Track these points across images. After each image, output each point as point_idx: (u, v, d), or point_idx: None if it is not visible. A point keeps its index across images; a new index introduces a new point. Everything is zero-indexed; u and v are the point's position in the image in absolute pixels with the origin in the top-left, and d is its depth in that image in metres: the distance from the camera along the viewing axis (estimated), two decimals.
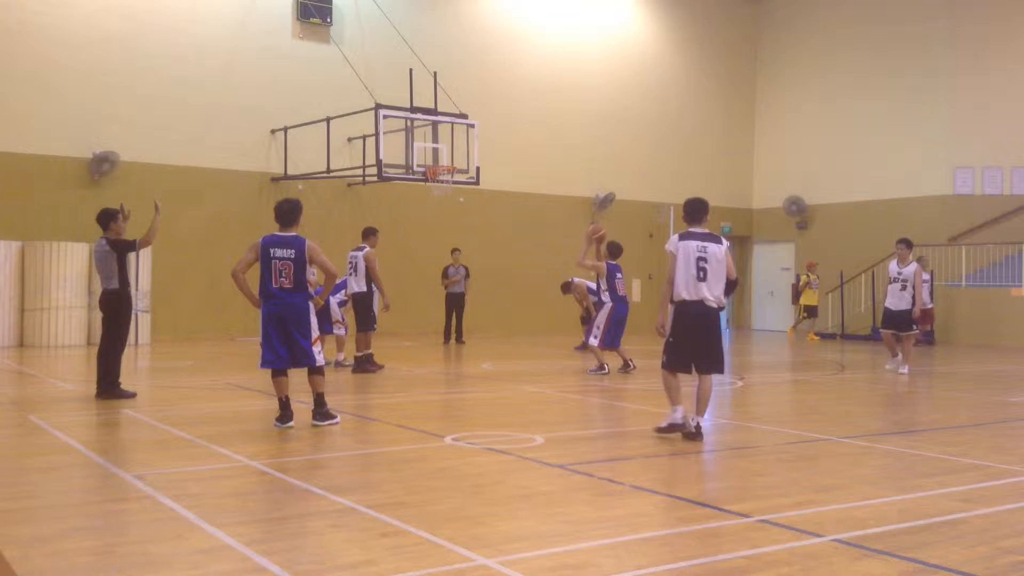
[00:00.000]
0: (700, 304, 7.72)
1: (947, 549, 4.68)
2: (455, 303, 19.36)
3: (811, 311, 23.06)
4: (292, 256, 8.11)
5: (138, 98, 18.76)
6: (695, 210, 8.17)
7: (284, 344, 8.17)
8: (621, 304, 13.16)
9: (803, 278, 23.17)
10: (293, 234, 8.24)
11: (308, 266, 8.24)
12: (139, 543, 4.70)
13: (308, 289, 8.28)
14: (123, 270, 9.99)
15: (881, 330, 14.38)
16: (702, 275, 7.71)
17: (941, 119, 23.34)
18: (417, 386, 12.12)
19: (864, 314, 23.38)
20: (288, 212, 8.28)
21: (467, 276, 19.48)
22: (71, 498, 5.76)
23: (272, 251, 8.13)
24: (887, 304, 14.00)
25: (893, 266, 13.97)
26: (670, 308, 7.88)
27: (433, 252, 20.84)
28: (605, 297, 13.23)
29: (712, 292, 7.74)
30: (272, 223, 8.42)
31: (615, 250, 13.51)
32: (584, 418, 9.76)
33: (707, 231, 8.00)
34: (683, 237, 7.92)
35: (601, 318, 13.19)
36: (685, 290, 7.73)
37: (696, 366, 7.86)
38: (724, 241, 8.01)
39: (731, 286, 7.95)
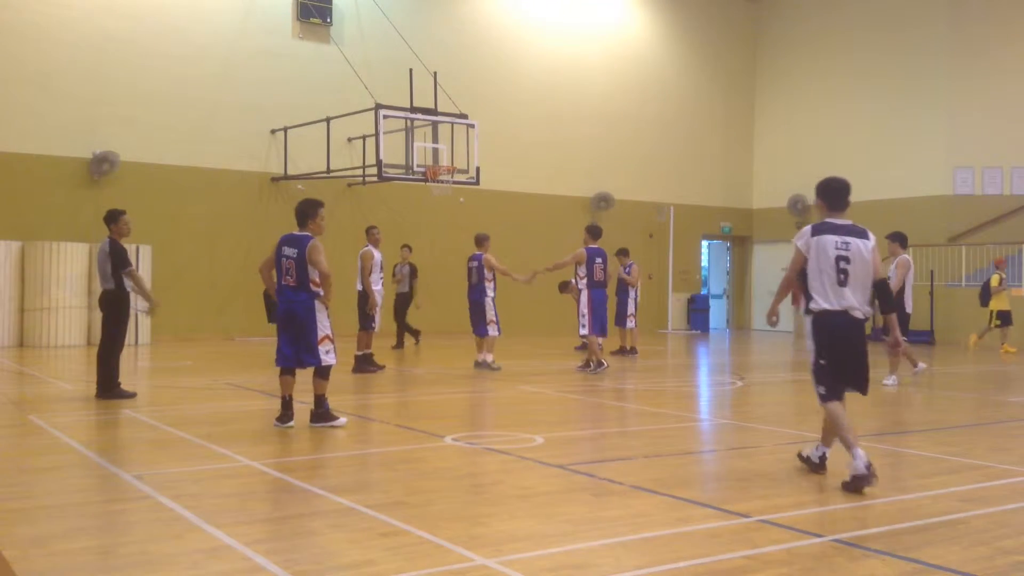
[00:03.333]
0: (845, 315, 6.10)
1: (947, 549, 4.68)
2: (400, 304, 17.79)
3: (1005, 317, 19.01)
4: (295, 255, 8.13)
5: (138, 98, 18.76)
6: (836, 193, 6.37)
7: (291, 343, 8.19)
8: (596, 290, 13.08)
9: (995, 277, 19.06)
10: (304, 233, 8.26)
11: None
12: (139, 543, 4.70)
13: (313, 288, 8.19)
14: (117, 272, 9.97)
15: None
16: (843, 278, 6.10)
17: (941, 119, 23.35)
18: (417, 386, 12.11)
19: None
20: (300, 212, 8.32)
21: (414, 275, 17.96)
22: (71, 498, 5.75)
23: (282, 249, 8.22)
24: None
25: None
26: (807, 321, 6.32)
27: (433, 252, 20.84)
28: (582, 284, 13.15)
29: (857, 299, 6.12)
30: (272, 223, 8.44)
31: (595, 232, 13.44)
32: (584, 418, 9.75)
33: (849, 222, 6.27)
34: (818, 230, 6.24)
35: (583, 307, 13.17)
36: (824, 298, 6.13)
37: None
38: (871, 235, 6.27)
39: (881, 291, 6.32)
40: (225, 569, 4.27)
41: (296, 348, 8.17)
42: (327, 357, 8.21)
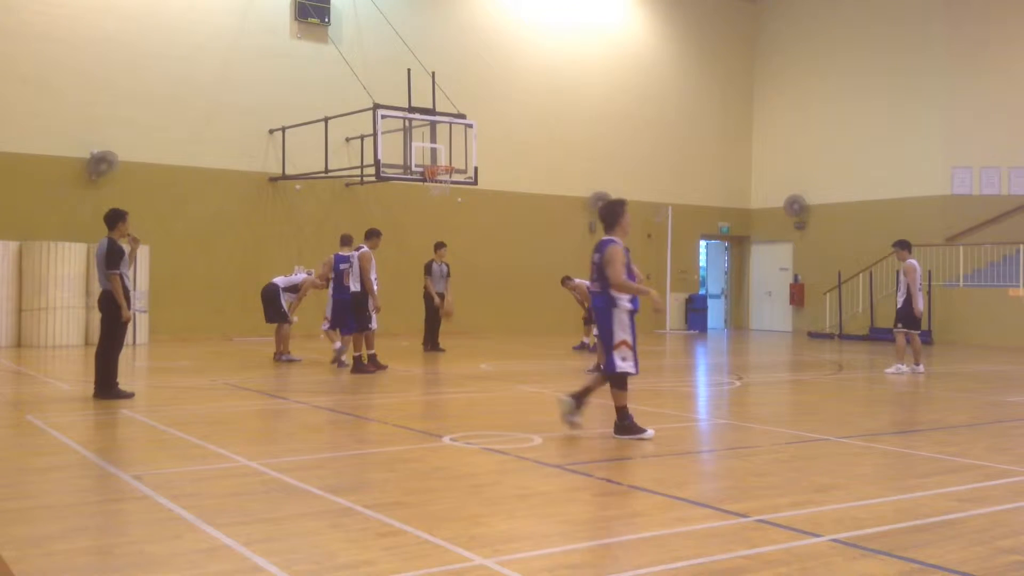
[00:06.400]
0: None
1: (945, 549, 4.68)
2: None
3: None
4: (597, 259, 7.93)
5: (137, 98, 18.76)
6: None
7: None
8: None
9: None
10: (607, 238, 7.98)
11: (629, 267, 7.91)
12: (137, 543, 4.69)
13: (612, 293, 7.88)
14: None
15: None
16: None
17: (939, 119, 23.36)
18: (416, 386, 12.11)
19: (862, 314, 23.40)
20: (604, 215, 8.10)
21: (448, 275, 17.75)
22: (69, 498, 5.75)
23: (593, 255, 8.11)
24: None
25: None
26: None
27: (431, 252, 20.84)
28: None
29: None
30: (270, 223, 8.41)
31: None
32: (583, 418, 9.72)
33: None
34: None
35: None
36: None
37: None
38: None
39: None
40: (224, 569, 4.27)
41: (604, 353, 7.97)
42: (623, 364, 7.84)
